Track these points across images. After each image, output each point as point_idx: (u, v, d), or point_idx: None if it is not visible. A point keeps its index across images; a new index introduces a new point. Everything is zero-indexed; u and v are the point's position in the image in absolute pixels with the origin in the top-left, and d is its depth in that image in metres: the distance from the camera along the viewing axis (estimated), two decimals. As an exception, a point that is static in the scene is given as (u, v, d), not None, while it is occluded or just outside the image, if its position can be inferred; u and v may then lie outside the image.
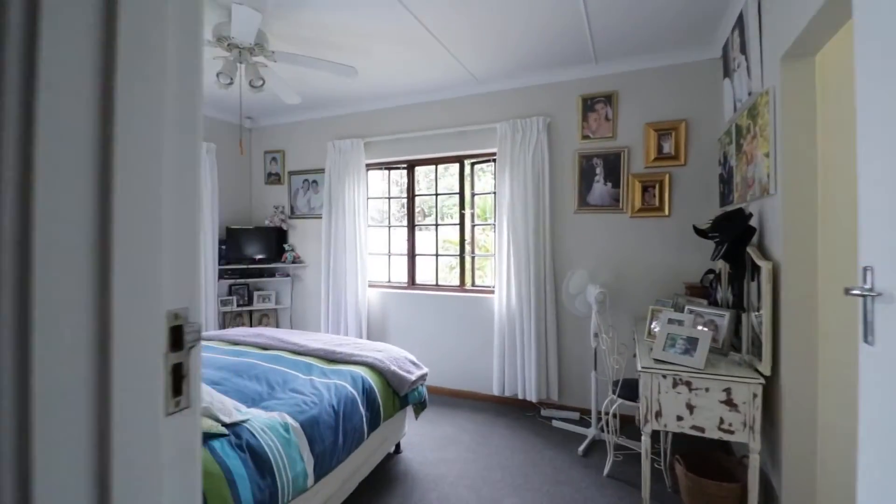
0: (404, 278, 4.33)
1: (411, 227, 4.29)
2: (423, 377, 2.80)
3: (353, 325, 4.20)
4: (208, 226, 4.28)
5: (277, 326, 4.79)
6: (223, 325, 4.57)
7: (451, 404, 3.76)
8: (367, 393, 2.37)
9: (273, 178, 4.83)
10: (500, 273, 3.65)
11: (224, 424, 1.71)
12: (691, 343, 2.13)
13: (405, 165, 4.27)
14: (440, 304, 4.03)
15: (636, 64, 3.29)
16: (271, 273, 4.74)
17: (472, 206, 4.02)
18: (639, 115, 3.32)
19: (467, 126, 3.83)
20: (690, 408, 2.02)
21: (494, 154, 3.75)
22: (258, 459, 1.65)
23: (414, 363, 2.83)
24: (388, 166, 4.37)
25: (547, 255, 3.50)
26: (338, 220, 4.29)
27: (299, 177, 4.67)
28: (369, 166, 4.37)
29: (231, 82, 2.53)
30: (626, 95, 3.35)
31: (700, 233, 2.73)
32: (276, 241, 4.68)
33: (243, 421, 1.79)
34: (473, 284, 4.04)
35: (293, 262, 4.63)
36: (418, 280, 4.30)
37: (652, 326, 2.60)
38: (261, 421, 1.83)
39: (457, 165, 4.06)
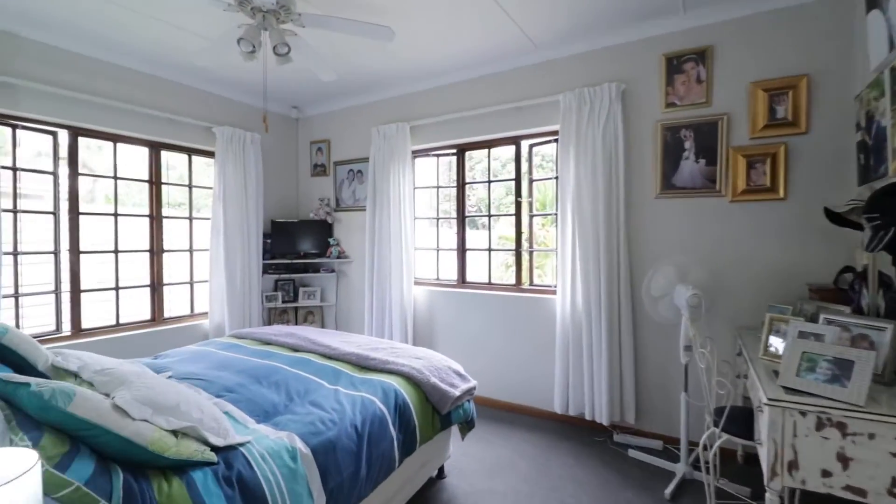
0: (454, 275, 3.92)
1: (461, 219, 3.87)
2: (469, 392, 2.37)
3: (398, 325, 3.86)
4: (252, 219, 4.14)
5: (322, 325, 4.58)
6: (268, 322, 4.43)
7: (505, 420, 3.29)
8: (401, 410, 1.97)
9: (319, 170, 4.62)
10: (563, 271, 3.12)
11: (214, 448, 1.38)
12: (841, 367, 1.50)
13: (454, 150, 3.86)
14: (493, 305, 3.57)
15: (737, 10, 2.63)
16: (316, 268, 4.54)
17: (530, 195, 3.52)
18: (741, 73, 2.65)
19: (523, 101, 3.34)
20: (844, 460, 1.41)
21: (556, 132, 3.22)
22: (250, 497, 1.31)
23: (459, 374, 2.40)
24: (436, 152, 3.97)
25: (621, 249, 2.92)
26: (382, 212, 3.97)
27: (344, 167, 4.42)
28: (416, 153, 4.00)
29: (254, 50, 2.25)
30: (725, 50, 2.69)
31: (835, 218, 2.06)
32: (321, 234, 4.46)
33: (241, 444, 1.46)
34: (532, 283, 3.54)
35: (338, 257, 4.38)
36: (469, 278, 3.87)
37: (770, 341, 1.97)
38: (264, 444, 1.49)
39: (512, 148, 3.57)
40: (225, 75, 3.72)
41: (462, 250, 3.87)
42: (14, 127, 2.94)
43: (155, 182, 3.73)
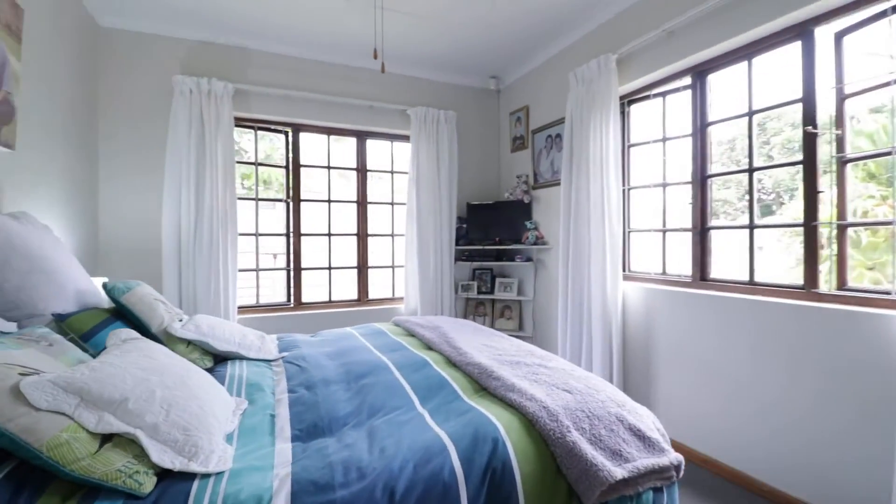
0: (687, 269, 2.59)
1: (700, 180, 2.50)
2: (660, 474, 1.27)
3: (598, 335, 2.83)
4: (445, 202, 3.88)
5: (520, 324, 3.93)
6: (463, 313, 4.10)
7: (769, 524, 1.85)
8: (494, 480, 1.13)
9: (518, 143, 3.99)
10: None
11: (161, 472, 0.97)
12: None
13: (688, 79, 2.52)
14: (761, 320, 2.11)
15: None
16: (511, 256, 3.92)
17: (839, 127, 1.89)
18: None
19: None
20: None
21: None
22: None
23: (640, 436, 1.33)
24: (661, 89, 2.71)
25: None
26: (579, 182, 3.00)
27: (542, 134, 3.64)
28: (627, 97, 2.86)
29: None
30: None
31: None
32: (518, 217, 3.82)
33: (205, 474, 1.00)
34: (844, 287, 1.91)
35: (535, 243, 3.64)
36: (714, 273, 2.47)
37: None
38: (240, 482, 0.99)
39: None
40: (416, 52, 3.56)
41: (702, 230, 2.50)
42: (255, 128, 3.53)
43: (361, 169, 3.92)
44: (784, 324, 1.99)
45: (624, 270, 2.97)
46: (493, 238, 3.93)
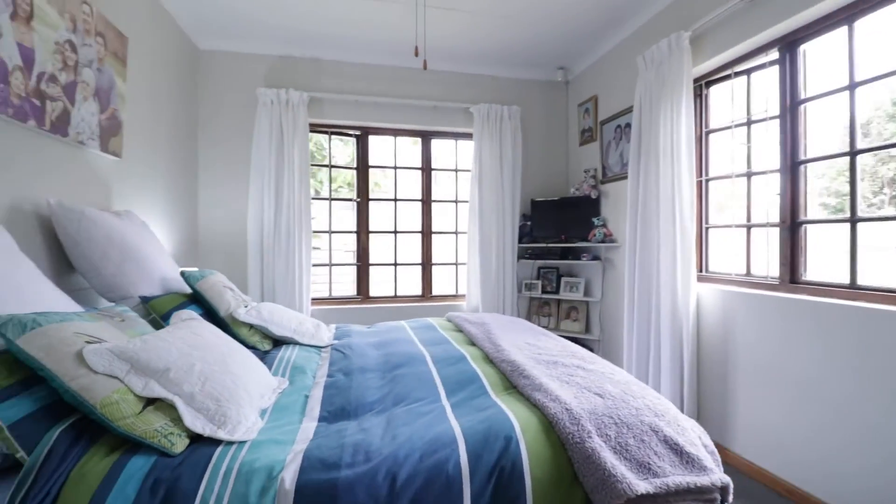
0: (774, 270, 2.27)
1: (791, 166, 2.17)
2: (695, 493, 1.13)
3: (667, 340, 2.58)
4: (508, 198, 3.82)
5: (586, 326, 3.74)
6: (527, 314, 4.00)
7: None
8: (501, 480, 1.09)
9: (586, 136, 3.79)
10: None
11: (194, 435, 1.09)
12: None
13: (774, 53, 2.19)
14: (862, 327, 1.78)
15: None
16: (577, 254, 3.74)
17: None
18: None
19: None
20: None
21: None
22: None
23: (680, 452, 1.19)
24: (742, 66, 2.40)
25: None
26: (648, 174, 2.77)
27: (611, 124, 3.41)
28: (703, 79, 2.58)
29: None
30: None
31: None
32: (585, 213, 3.63)
33: (228, 442, 1.10)
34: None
35: (602, 241, 3.43)
36: (809, 275, 2.13)
37: None
38: (256, 453, 1.08)
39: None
40: (479, 49, 3.55)
41: (792, 224, 2.16)
42: (328, 133, 3.79)
43: (426, 169, 4.01)
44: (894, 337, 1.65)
45: (700, 271, 2.69)
46: (559, 236, 3.78)
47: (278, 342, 2.08)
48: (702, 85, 2.66)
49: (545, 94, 4.10)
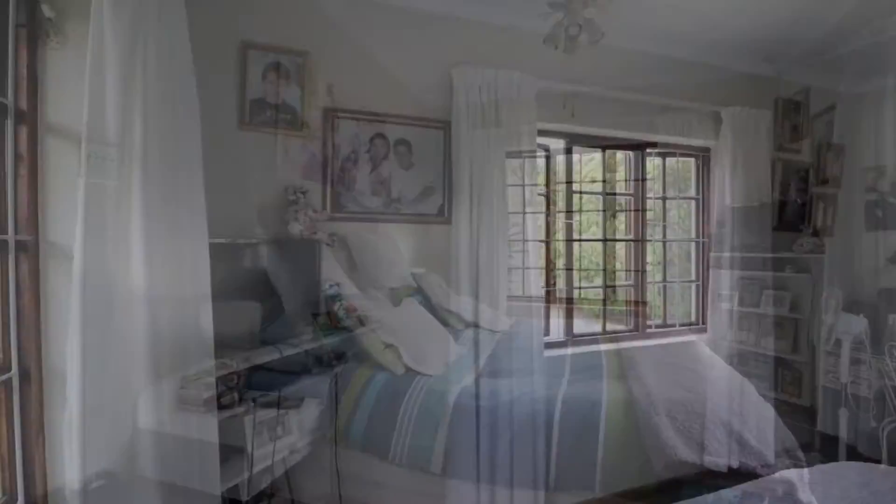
0: None
1: None
2: (747, 476, 1.36)
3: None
4: (713, 205, 3.73)
5: (794, 343, 3.35)
6: (728, 325, 3.79)
7: None
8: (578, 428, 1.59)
9: (794, 134, 3.37)
10: None
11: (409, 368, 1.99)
12: None
13: None
14: None
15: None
16: (780, 266, 3.37)
17: None
18: None
19: None
20: None
21: None
22: (389, 416, 1.82)
23: (743, 443, 1.43)
24: None
25: None
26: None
27: (822, 119, 3.00)
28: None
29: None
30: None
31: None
32: (790, 218, 3.27)
33: (427, 374, 1.95)
34: None
35: (811, 252, 3.07)
36: None
37: None
38: (448, 379, 1.89)
39: None
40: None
41: None
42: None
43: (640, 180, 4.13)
44: None
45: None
46: (760, 244, 3.48)
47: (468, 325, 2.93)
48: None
49: (761, 91, 3.59)
